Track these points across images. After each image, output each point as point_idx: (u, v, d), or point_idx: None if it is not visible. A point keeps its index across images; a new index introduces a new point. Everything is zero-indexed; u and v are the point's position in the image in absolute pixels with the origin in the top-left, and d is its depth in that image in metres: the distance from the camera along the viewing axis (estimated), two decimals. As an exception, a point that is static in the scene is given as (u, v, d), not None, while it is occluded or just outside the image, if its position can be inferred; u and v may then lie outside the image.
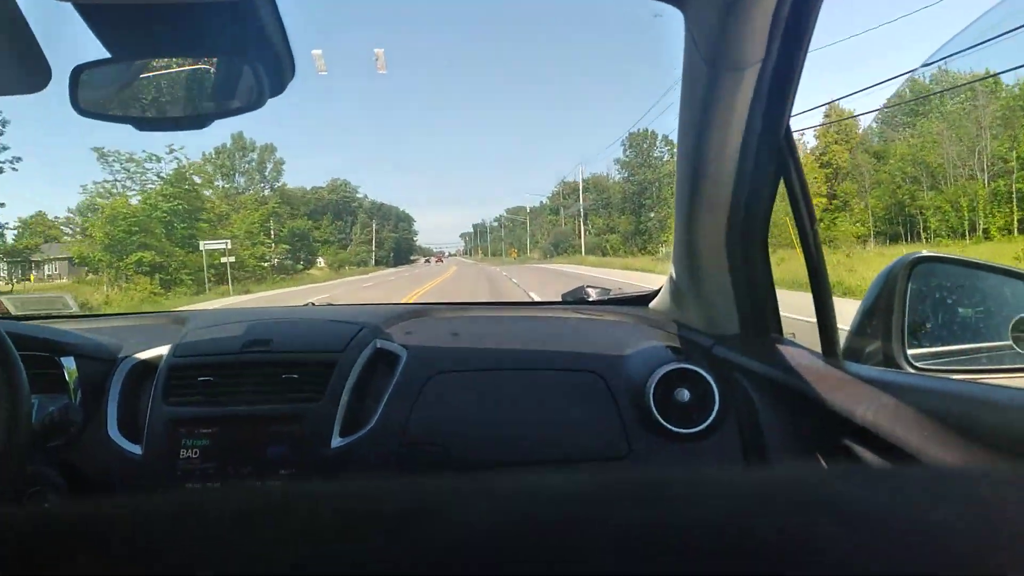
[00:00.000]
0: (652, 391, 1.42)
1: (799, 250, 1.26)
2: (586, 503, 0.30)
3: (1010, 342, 1.35)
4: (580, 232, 65.62)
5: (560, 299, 2.23)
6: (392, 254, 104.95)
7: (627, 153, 62.08)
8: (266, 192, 49.54)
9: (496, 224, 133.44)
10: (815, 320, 1.25)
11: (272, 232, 46.87)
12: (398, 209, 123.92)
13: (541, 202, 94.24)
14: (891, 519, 0.30)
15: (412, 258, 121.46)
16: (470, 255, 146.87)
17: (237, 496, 0.33)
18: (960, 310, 1.46)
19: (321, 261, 67.72)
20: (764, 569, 0.26)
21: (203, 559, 0.27)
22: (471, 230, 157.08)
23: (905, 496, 0.33)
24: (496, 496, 0.31)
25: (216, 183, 44.57)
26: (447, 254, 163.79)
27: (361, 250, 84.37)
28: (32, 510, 0.34)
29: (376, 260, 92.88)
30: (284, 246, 47.42)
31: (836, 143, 38.29)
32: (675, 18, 1.13)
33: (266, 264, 39.81)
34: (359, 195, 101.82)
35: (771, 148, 1.23)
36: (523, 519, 0.29)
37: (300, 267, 46.63)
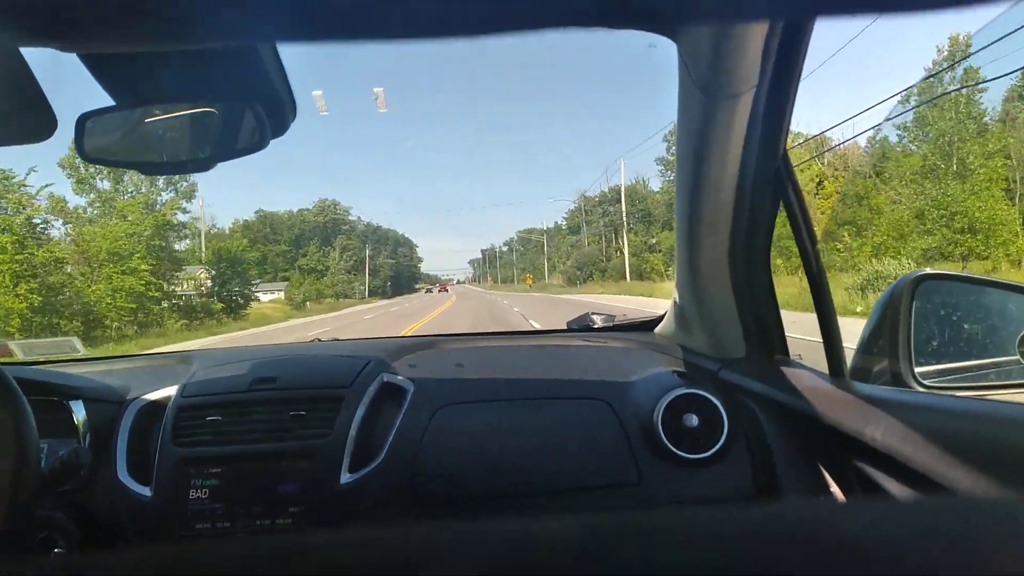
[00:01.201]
0: (660, 417, 1.41)
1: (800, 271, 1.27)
2: (580, 554, 0.31)
3: (1017, 357, 1.34)
4: (623, 246, 52.50)
5: (566, 326, 2.23)
6: (389, 283, 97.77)
7: (672, 151, 48.00)
8: (165, 197, 33.03)
9: (506, 248, 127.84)
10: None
11: (201, 259, 37.34)
12: (397, 233, 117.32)
13: (556, 223, 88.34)
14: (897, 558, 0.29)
15: (417, 287, 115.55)
16: (479, 282, 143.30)
17: (234, 553, 0.33)
18: (966, 326, 1.46)
19: (276, 295, 60.79)
20: None
21: None
22: (480, 256, 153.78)
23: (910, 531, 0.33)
24: (490, 545, 0.32)
25: (100, 183, 29.90)
26: (455, 281, 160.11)
27: (341, 279, 77.42)
28: (38, 563, 0.34)
29: (370, 290, 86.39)
30: (201, 277, 35.57)
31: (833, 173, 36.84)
32: (670, 48, 1.15)
33: (156, 305, 27.14)
34: (351, 217, 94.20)
35: (769, 172, 1.24)
36: (516, 570, 0.29)
37: (218, 306, 33.55)
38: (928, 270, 1.39)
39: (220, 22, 0.28)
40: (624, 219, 52.46)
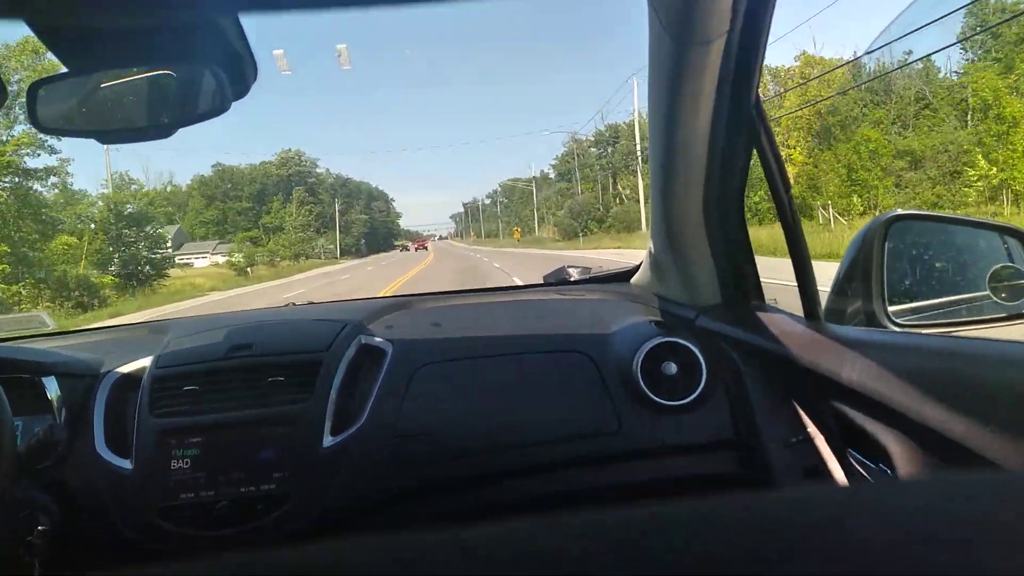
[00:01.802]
0: (639, 366, 1.42)
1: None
2: (570, 565, 0.31)
3: (988, 292, 1.36)
4: (637, 187, 44.21)
5: (542, 280, 2.23)
6: (363, 240, 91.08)
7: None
8: (18, 131, 22.63)
9: (489, 201, 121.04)
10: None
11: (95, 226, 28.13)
12: (370, 185, 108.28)
13: (542, 171, 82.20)
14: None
15: (396, 243, 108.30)
16: (461, 237, 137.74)
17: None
18: (938, 265, 1.48)
19: (219, 259, 55.45)
20: None
21: None
22: (462, 211, 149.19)
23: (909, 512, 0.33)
24: (476, 557, 0.32)
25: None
26: (437, 237, 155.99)
27: (299, 238, 66.16)
28: None
29: (342, 249, 79.23)
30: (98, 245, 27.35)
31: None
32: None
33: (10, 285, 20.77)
34: (318, 170, 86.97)
35: (741, 119, 1.23)
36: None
37: (106, 281, 25.97)
38: (900, 211, 1.40)
39: None
40: (638, 153, 42.55)
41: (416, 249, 69.66)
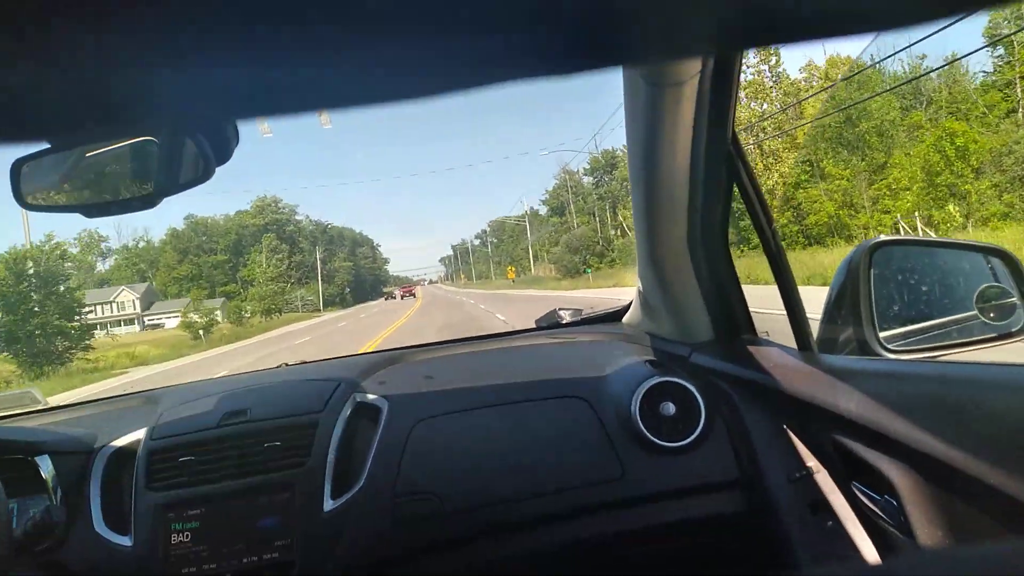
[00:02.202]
0: (638, 408, 1.41)
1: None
2: None
3: (976, 313, 1.37)
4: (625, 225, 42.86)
5: (534, 324, 2.23)
6: (347, 289, 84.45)
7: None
8: None
9: (478, 242, 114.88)
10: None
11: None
12: (353, 232, 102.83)
13: (531, 208, 74.16)
14: None
15: (385, 290, 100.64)
16: (452, 280, 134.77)
17: None
18: (924, 288, 1.49)
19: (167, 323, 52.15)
20: None
21: None
22: (451, 253, 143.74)
23: None
24: None
25: None
26: (427, 281, 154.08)
27: (271, 290, 59.81)
28: None
29: (326, 300, 74.45)
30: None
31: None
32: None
33: None
34: (297, 217, 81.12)
35: (720, 156, 1.25)
36: None
37: (39, 361, 22.06)
38: (883, 237, 1.41)
39: (176, 114, 0.28)
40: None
41: (403, 296, 61.67)
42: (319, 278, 77.40)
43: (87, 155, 0.95)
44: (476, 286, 78.84)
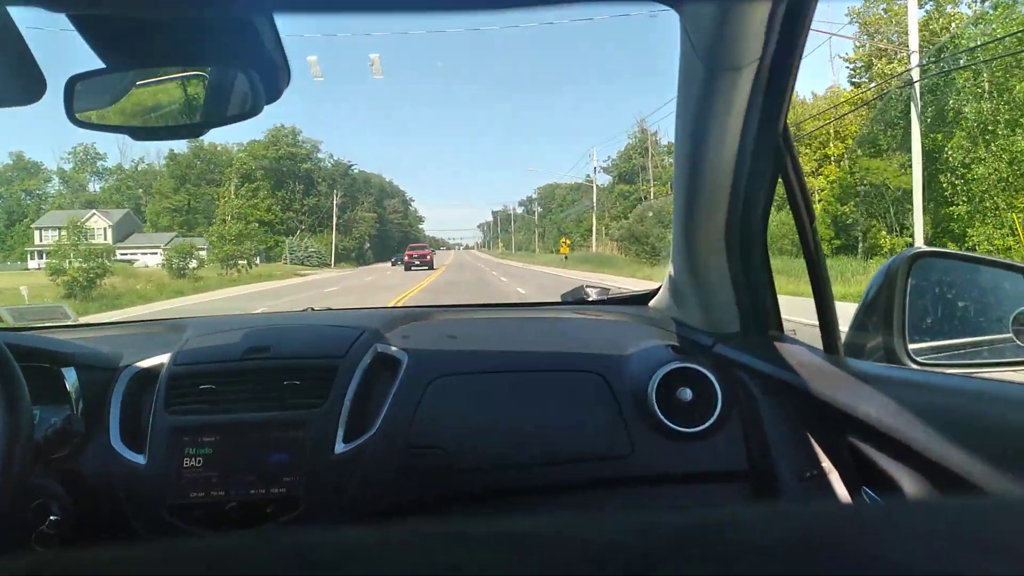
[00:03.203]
0: (654, 390, 1.41)
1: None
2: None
3: (1011, 335, 1.35)
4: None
5: (560, 299, 2.23)
6: (367, 244, 72.48)
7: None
8: None
9: (521, 209, 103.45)
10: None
11: None
12: (382, 179, 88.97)
13: (586, 176, 61.18)
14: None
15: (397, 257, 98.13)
16: (488, 248, 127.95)
17: (228, 546, 0.33)
18: (960, 304, 1.47)
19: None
20: None
21: None
22: (491, 219, 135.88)
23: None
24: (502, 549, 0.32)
25: None
26: (463, 246, 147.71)
27: (232, 231, 39.73)
28: (28, 559, 0.34)
29: (339, 254, 63.59)
30: None
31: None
32: (672, 18, 1.12)
33: None
34: (319, 154, 68.52)
35: (768, 146, 1.23)
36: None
37: None
38: (924, 247, 1.39)
39: None
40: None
41: (409, 266, 39.34)
42: (333, 227, 65.69)
43: (138, 82, 0.96)
44: (515, 258, 69.58)
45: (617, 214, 47.64)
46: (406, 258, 40.47)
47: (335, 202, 66.17)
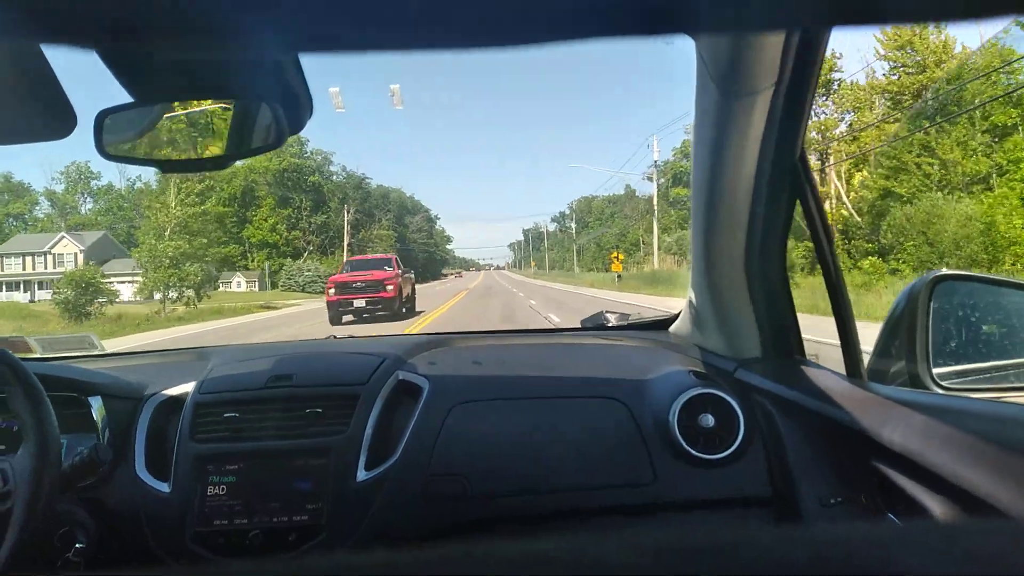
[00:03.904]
0: (676, 417, 1.40)
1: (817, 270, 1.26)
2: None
3: (1038, 359, 1.33)
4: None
5: (580, 324, 2.23)
6: None
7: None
8: None
9: (554, 226, 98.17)
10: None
11: None
12: (403, 194, 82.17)
13: (627, 186, 60.72)
14: None
15: (444, 272, 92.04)
16: (520, 268, 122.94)
17: (249, 570, 0.33)
18: (984, 328, 1.45)
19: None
20: None
21: None
22: (521, 238, 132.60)
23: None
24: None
25: None
26: (494, 267, 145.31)
27: (167, 250, 29.52)
28: None
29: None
30: None
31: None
32: (687, 45, 1.14)
33: None
34: (332, 167, 63.65)
35: (786, 171, 1.23)
36: None
37: None
38: (946, 270, 1.38)
39: (238, 32, 0.29)
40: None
41: (345, 308, 16.04)
42: (344, 247, 56.65)
43: (165, 116, 0.99)
44: (549, 277, 61.18)
45: (670, 223, 42.08)
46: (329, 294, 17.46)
47: (347, 219, 58.34)
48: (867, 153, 24.44)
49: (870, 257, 21.88)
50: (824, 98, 29.32)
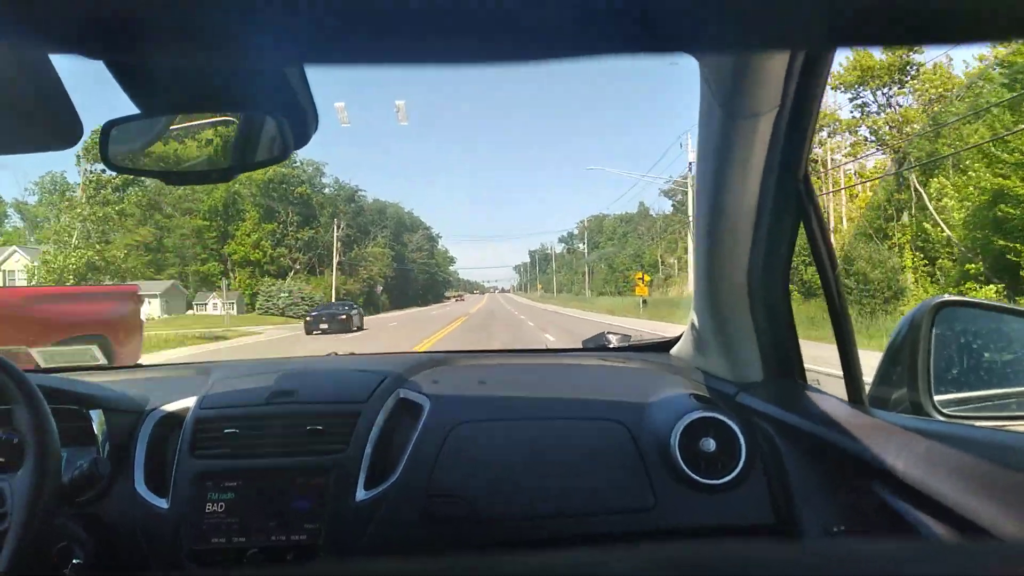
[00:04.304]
0: (677, 441, 1.40)
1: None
2: None
3: (1040, 387, 1.33)
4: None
5: (581, 345, 2.22)
6: (379, 287, 60.48)
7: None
8: None
9: (562, 247, 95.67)
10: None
11: None
12: (400, 209, 76.50)
13: (641, 203, 59.56)
14: None
15: (447, 295, 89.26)
16: (525, 291, 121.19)
17: None
18: (987, 355, 1.45)
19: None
20: None
21: None
22: (527, 260, 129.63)
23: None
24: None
25: None
26: (498, 289, 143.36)
27: (63, 265, 25.05)
28: None
29: (341, 301, 43.67)
30: None
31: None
32: (691, 66, 1.14)
33: None
34: (324, 178, 59.36)
35: (789, 193, 1.23)
36: None
37: None
38: (948, 296, 1.37)
39: (245, 43, 0.29)
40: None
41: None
42: (334, 266, 53.03)
43: (171, 127, 0.99)
44: (558, 301, 59.56)
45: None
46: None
47: (336, 234, 53.73)
48: (974, 147, 19.02)
49: (993, 284, 17.41)
50: (897, 86, 26.15)
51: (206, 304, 46.87)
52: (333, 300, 44.41)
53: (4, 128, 0.70)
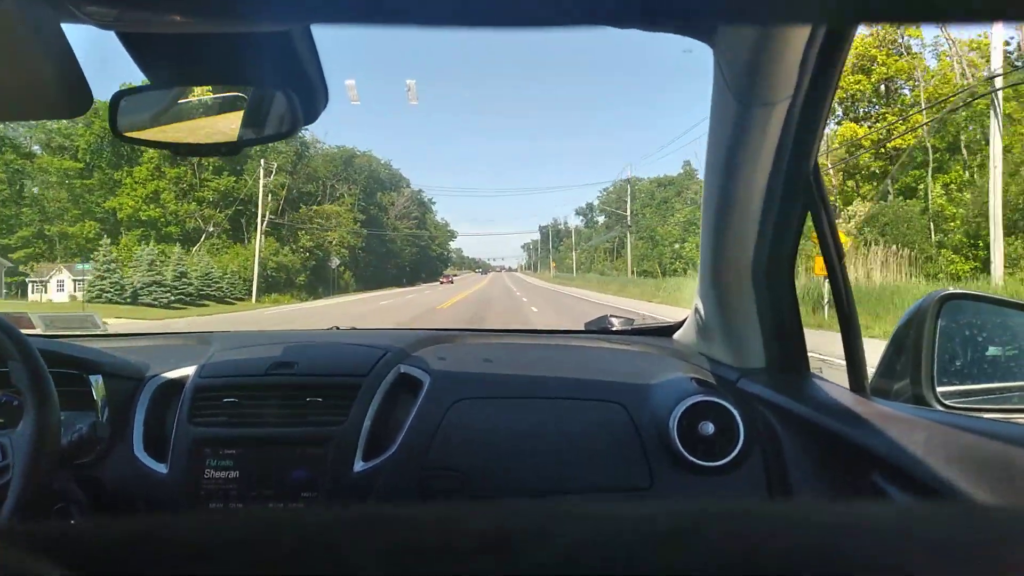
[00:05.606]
0: (676, 423, 1.40)
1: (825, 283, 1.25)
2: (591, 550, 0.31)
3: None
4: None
5: (584, 327, 2.22)
6: (337, 262, 45.30)
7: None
8: None
9: (580, 221, 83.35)
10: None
11: None
12: (373, 158, 60.69)
13: (685, 162, 50.38)
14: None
15: (446, 273, 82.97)
16: (534, 270, 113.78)
17: (260, 520, 0.33)
18: (991, 348, 1.45)
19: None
20: None
21: None
22: (537, 236, 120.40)
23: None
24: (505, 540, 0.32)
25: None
26: (506, 268, 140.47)
27: None
28: (59, 525, 0.34)
29: (276, 280, 38.21)
30: None
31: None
32: (705, 53, 1.13)
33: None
34: (304, 135, 42.38)
35: (799, 183, 1.23)
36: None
37: None
38: (953, 289, 1.37)
39: (254, 4, 0.29)
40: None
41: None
42: (259, 230, 38.42)
43: (180, 100, 0.99)
44: (578, 282, 48.43)
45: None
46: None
47: (262, 181, 38.50)
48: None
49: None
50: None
51: (46, 284, 33.00)
52: (255, 275, 35.32)
53: (16, 96, 0.70)
